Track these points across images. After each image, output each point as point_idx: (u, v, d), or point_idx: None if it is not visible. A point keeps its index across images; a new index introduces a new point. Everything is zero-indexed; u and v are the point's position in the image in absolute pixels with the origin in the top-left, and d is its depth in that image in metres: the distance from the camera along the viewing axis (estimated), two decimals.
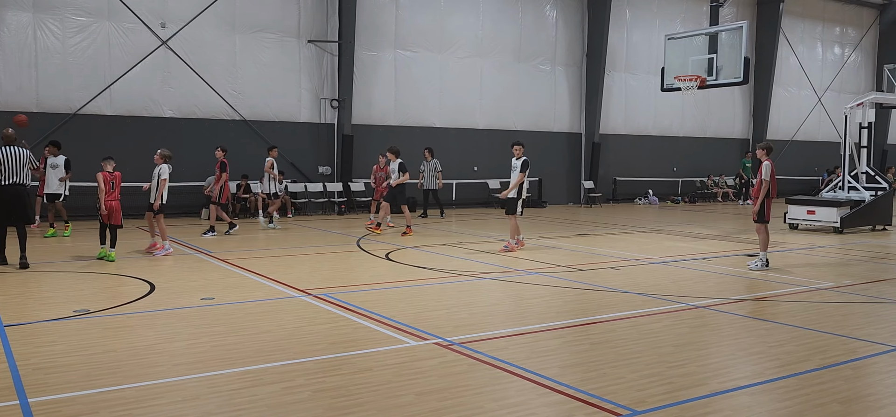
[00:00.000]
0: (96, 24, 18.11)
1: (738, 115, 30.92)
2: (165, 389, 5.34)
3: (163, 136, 18.90)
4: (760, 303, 8.82)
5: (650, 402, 5.12)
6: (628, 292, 9.28)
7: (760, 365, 6.17)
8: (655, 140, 28.10)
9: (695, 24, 27.14)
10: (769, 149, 11.51)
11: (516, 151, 13.26)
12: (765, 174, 11.19)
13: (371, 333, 7.09)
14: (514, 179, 13.20)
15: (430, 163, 20.27)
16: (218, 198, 15.52)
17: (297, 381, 5.54)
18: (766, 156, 11.38)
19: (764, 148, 11.56)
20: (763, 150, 11.51)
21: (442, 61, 23.14)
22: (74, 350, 6.30)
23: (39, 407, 4.88)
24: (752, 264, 11.44)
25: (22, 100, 17.41)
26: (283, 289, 9.20)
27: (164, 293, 8.92)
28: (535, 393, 5.33)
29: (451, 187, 23.13)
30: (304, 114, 21.14)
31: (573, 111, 26.28)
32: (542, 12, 25.09)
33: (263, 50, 20.27)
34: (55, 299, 8.54)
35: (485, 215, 21.34)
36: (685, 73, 18.89)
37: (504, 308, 8.44)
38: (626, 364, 6.06)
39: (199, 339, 6.76)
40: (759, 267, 11.18)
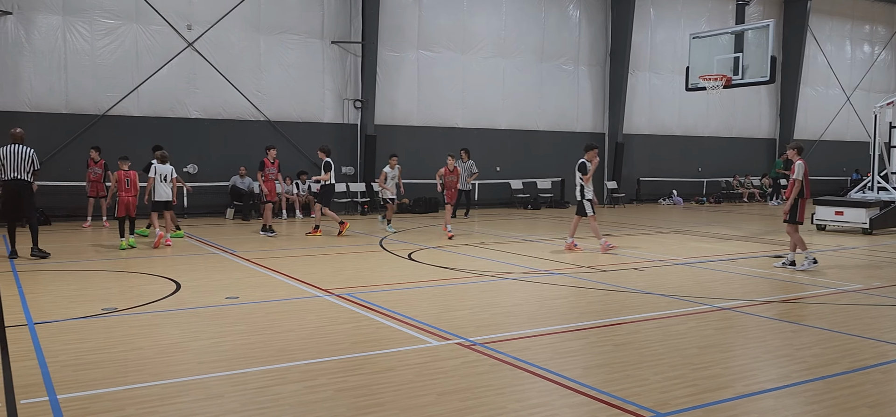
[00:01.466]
0: (124, 27, 18.37)
1: (765, 115, 30.54)
2: (190, 387, 5.41)
3: (189, 137, 19.15)
4: (787, 305, 8.70)
5: (674, 404, 5.07)
6: (652, 293, 9.20)
7: (787, 368, 6.09)
8: (680, 140, 27.84)
9: (720, 22, 26.85)
10: (800, 149, 11.37)
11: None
12: (797, 173, 11.05)
13: (393, 333, 7.11)
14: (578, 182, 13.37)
15: (466, 163, 20.34)
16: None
17: (320, 380, 5.57)
18: (797, 156, 11.23)
19: (795, 148, 11.41)
20: (794, 150, 11.37)
21: (464, 61, 23.14)
22: (102, 348, 6.40)
23: (68, 404, 4.96)
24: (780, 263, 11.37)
25: (52, 101, 17.73)
26: (306, 289, 9.26)
27: (189, 292, 9.02)
28: (557, 394, 5.32)
29: (474, 187, 23.12)
30: (328, 115, 21.26)
31: (596, 111, 26.13)
32: (566, 12, 24.99)
33: (287, 51, 20.43)
34: (84, 297, 8.68)
35: (507, 215, 21.31)
36: (710, 73, 18.71)
37: (526, 308, 8.42)
38: (650, 365, 6.01)
39: (223, 338, 6.83)
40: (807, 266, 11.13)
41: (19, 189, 11.58)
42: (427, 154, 22.10)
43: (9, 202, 11.75)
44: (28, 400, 5.01)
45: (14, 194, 11.61)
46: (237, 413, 4.86)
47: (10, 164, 11.47)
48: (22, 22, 17.36)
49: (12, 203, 11.71)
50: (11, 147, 11.52)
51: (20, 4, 17.29)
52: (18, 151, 11.52)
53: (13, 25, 17.27)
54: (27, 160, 11.59)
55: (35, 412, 4.82)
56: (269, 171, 15.51)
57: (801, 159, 11.18)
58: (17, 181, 11.52)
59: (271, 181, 15.61)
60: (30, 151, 11.66)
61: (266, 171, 15.46)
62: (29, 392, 5.19)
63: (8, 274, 10.22)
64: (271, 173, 15.62)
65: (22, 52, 17.39)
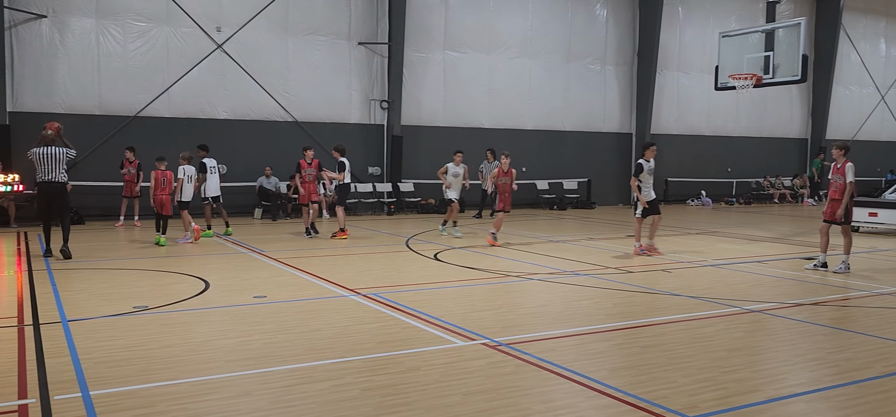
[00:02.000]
0: (155, 29, 18.66)
1: (796, 115, 30.06)
2: (219, 384, 5.47)
3: (217, 138, 19.37)
4: (819, 308, 8.56)
5: (702, 408, 5.02)
6: (680, 295, 9.11)
7: (818, 372, 5.99)
8: (709, 140, 27.52)
9: (750, 21, 26.48)
10: (847, 149, 11.11)
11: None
12: (849, 175, 10.85)
13: (419, 333, 7.13)
14: (646, 181, 13.04)
15: (492, 164, 20.32)
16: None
17: (346, 379, 5.61)
18: (843, 157, 11.02)
19: (841, 147, 11.13)
20: (841, 150, 11.09)
21: (490, 62, 23.11)
22: (133, 345, 6.51)
23: (100, 400, 5.06)
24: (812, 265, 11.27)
25: (85, 102, 18.06)
26: (332, 288, 9.33)
27: (218, 290, 9.13)
28: (583, 396, 5.29)
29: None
30: (355, 116, 21.38)
31: (623, 111, 25.93)
32: (592, 12, 24.83)
33: (315, 52, 20.58)
34: (116, 295, 8.82)
35: (533, 216, 21.24)
36: (740, 72, 18.47)
37: (552, 309, 8.39)
38: (678, 368, 5.96)
39: (251, 336, 6.91)
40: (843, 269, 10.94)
41: (54, 190, 11.71)
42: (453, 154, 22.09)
43: (44, 202, 11.95)
44: (62, 396, 5.12)
45: (49, 195, 11.75)
46: (264, 411, 4.91)
47: (45, 166, 11.59)
48: (56, 25, 17.71)
49: (47, 203, 11.89)
50: (46, 148, 11.65)
51: (54, 8, 17.64)
52: (53, 152, 11.64)
53: (48, 28, 17.63)
54: (62, 160, 11.72)
55: (68, 407, 4.92)
56: (306, 172, 15.20)
57: (849, 160, 10.97)
58: (52, 183, 11.65)
59: (309, 183, 15.22)
60: (63, 151, 11.77)
61: (303, 173, 15.23)
62: (62, 388, 5.30)
63: (43, 272, 10.44)
64: (309, 175, 15.23)
65: (56, 54, 17.75)
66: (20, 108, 17.43)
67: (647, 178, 12.93)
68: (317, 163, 15.44)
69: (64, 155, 11.79)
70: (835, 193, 11.08)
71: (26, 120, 17.36)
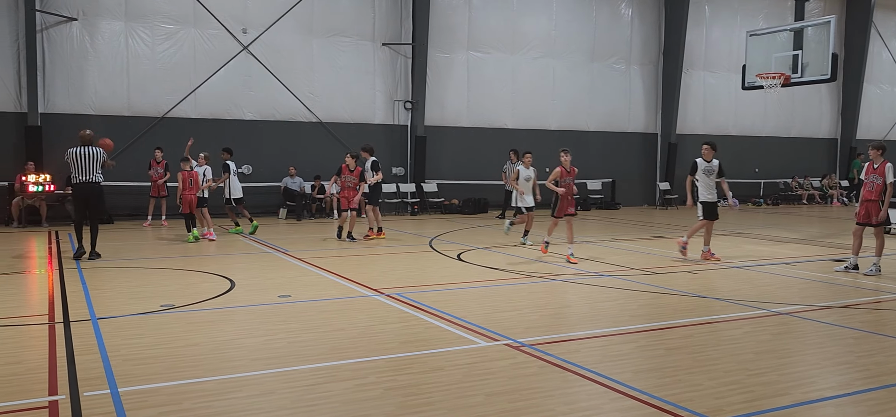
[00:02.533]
0: (183, 32, 18.89)
1: (826, 114, 29.57)
2: (244, 383, 5.52)
3: (243, 138, 19.57)
4: (849, 311, 8.41)
5: (728, 411, 4.96)
6: (706, 297, 9.02)
7: (847, 376, 5.89)
8: (736, 140, 27.18)
9: (778, 19, 26.11)
10: (884, 148, 10.85)
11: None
12: (890, 176, 10.64)
13: (442, 333, 7.13)
14: (710, 182, 12.33)
15: (515, 164, 20.25)
16: None
17: (370, 379, 5.63)
18: (881, 157, 10.80)
19: (879, 147, 10.87)
20: (878, 150, 10.84)
21: (514, 62, 23.05)
22: (160, 343, 6.60)
23: (128, 397, 5.13)
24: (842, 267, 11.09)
25: (114, 104, 18.35)
26: (356, 288, 9.37)
27: (243, 290, 9.22)
28: (607, 398, 5.25)
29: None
30: (379, 116, 21.46)
31: (649, 111, 25.72)
32: (618, 11, 24.66)
33: (339, 53, 20.69)
34: (143, 294, 8.95)
35: None
36: (768, 71, 18.21)
37: (576, 310, 8.34)
38: (704, 371, 5.89)
39: (275, 335, 6.96)
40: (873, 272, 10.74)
41: (91, 191, 11.58)
42: (477, 155, 22.11)
43: (80, 203, 11.80)
44: (91, 393, 5.20)
45: (85, 196, 11.62)
46: (288, 410, 4.95)
47: (81, 166, 11.48)
48: (86, 27, 18.01)
49: (83, 204, 11.74)
50: (82, 148, 11.54)
51: (85, 10, 17.94)
52: (89, 153, 11.53)
53: (78, 31, 17.94)
54: (98, 161, 11.62)
55: (97, 403, 5.00)
56: (346, 179, 14.44)
57: (887, 160, 10.75)
58: (89, 184, 11.54)
59: (349, 189, 14.39)
60: (99, 151, 11.67)
61: (344, 178, 14.51)
62: (92, 384, 5.38)
63: (73, 271, 10.61)
64: (349, 181, 14.40)
65: (87, 56, 18.05)
66: (51, 110, 17.76)
67: (704, 178, 12.21)
68: (358, 171, 14.41)
69: (101, 156, 11.73)
70: (870, 194, 10.84)
71: (57, 121, 17.70)
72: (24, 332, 7.15)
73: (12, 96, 17.54)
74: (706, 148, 12.31)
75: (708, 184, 12.27)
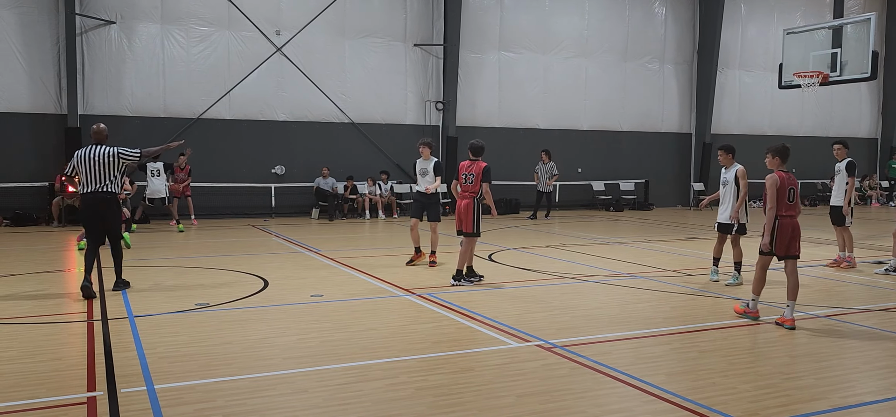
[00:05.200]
0: (217, 34, 19.16)
1: (865, 114, 28.91)
2: (277, 381, 5.59)
3: (276, 139, 19.79)
4: (889, 314, 8.21)
5: (763, 415, 4.88)
6: (741, 299, 8.87)
7: (888, 380, 5.75)
8: (772, 140, 26.48)
9: (816, 17, 25.60)
10: None
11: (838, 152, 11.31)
12: None
13: (473, 333, 7.13)
14: (840, 183, 11.40)
15: (547, 165, 20.21)
16: None
17: (401, 378, 5.65)
18: None
19: None
20: None
21: (546, 62, 22.95)
22: (195, 342, 6.70)
23: (164, 394, 5.22)
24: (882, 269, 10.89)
25: (151, 105, 18.68)
26: (388, 288, 9.41)
27: (276, 289, 9.31)
28: (639, 400, 5.21)
29: (555, 189, 22.90)
30: (410, 117, 21.53)
31: (683, 110, 25.40)
32: (651, 9, 24.41)
33: (371, 54, 20.80)
34: (179, 293, 9.09)
35: (589, 217, 20.99)
36: (805, 70, 17.87)
37: (608, 311, 8.28)
38: (739, 374, 5.81)
39: (308, 334, 7.02)
40: None
41: (99, 202, 8.83)
42: (508, 155, 22.05)
43: (91, 219, 8.94)
44: (128, 389, 5.30)
45: (94, 209, 8.86)
46: (321, 408, 4.99)
47: (88, 172, 8.82)
48: (124, 30, 18.38)
49: (94, 219, 8.91)
50: (89, 149, 8.92)
51: (122, 14, 18.31)
52: (98, 154, 8.84)
53: (116, 34, 18.31)
54: (110, 164, 8.83)
55: (134, 400, 5.10)
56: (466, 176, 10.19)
57: None
58: (96, 194, 8.81)
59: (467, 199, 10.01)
60: (113, 151, 8.87)
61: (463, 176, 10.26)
62: (129, 381, 5.49)
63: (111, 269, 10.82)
64: (469, 178, 9.96)
65: (124, 59, 18.41)
66: (90, 112, 18.15)
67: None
68: (480, 169, 9.90)
69: (116, 157, 8.87)
70: None
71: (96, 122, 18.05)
72: (64, 329, 7.32)
73: (53, 98, 17.97)
74: (836, 146, 11.50)
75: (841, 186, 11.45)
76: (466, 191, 9.82)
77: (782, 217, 7.53)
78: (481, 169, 9.72)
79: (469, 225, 9.71)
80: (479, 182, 9.72)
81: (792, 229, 7.55)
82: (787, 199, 7.55)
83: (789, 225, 7.54)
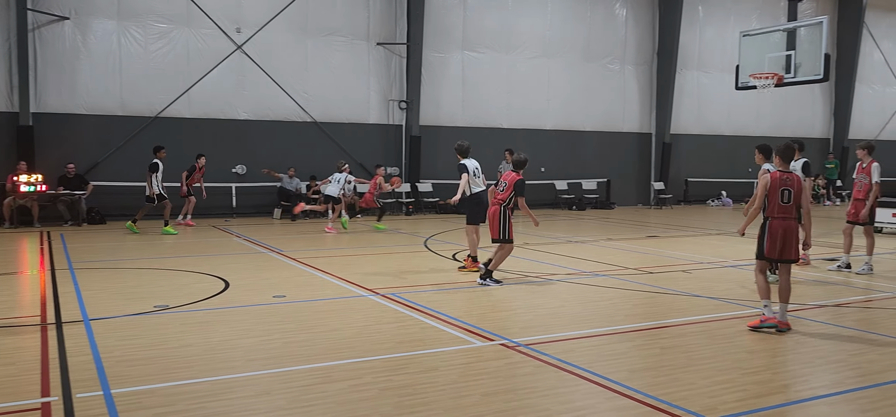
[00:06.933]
0: (176, 31, 18.82)
1: (818, 114, 29.71)
2: (239, 384, 5.51)
3: (237, 138, 19.53)
4: (841, 310, 8.45)
5: (722, 409, 4.98)
6: (700, 296, 9.04)
7: (840, 374, 5.92)
8: (729, 140, 27.27)
9: (771, 20, 26.21)
10: (871, 149, 10.98)
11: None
12: (876, 176, 10.72)
13: (437, 333, 7.13)
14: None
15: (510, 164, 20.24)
16: None
17: (365, 379, 5.62)
18: (868, 156, 10.89)
19: (866, 148, 10.99)
20: (865, 150, 10.98)
21: (509, 62, 23.07)
22: (154, 344, 6.57)
23: (122, 398, 5.11)
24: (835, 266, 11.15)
25: (107, 103, 18.27)
26: (351, 288, 9.36)
27: (238, 290, 9.19)
28: (602, 397, 5.26)
29: None
30: (373, 116, 21.43)
31: (643, 111, 25.78)
32: (612, 11, 24.71)
33: (333, 53, 20.66)
34: (137, 294, 8.91)
35: (552, 216, 21.16)
36: (761, 71, 18.27)
37: (571, 310, 8.36)
38: (698, 369, 5.91)
39: (271, 336, 6.94)
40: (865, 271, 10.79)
41: None
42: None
43: None
44: (83, 394, 5.18)
45: None
46: (284, 410, 4.94)
47: None
48: (79, 27, 17.93)
49: None
50: None
51: (77, 9, 17.86)
52: None
53: (71, 30, 17.86)
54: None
55: (90, 405, 4.98)
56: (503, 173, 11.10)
57: (874, 160, 10.85)
58: None
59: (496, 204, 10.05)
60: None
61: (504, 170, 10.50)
62: (84, 386, 5.36)
63: (65, 271, 10.57)
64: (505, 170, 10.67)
65: (79, 55, 17.97)
66: (43, 109, 17.67)
67: None
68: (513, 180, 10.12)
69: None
70: (859, 193, 10.98)
71: (49, 121, 17.64)
72: (16, 333, 7.11)
73: (4, 96, 17.44)
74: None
75: None
76: (496, 198, 9.99)
77: (773, 218, 7.28)
78: (514, 180, 9.91)
79: (495, 232, 9.89)
80: (508, 191, 9.87)
81: (784, 232, 7.21)
82: (781, 200, 7.23)
83: (780, 228, 7.22)
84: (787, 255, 7.29)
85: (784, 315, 7.26)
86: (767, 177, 7.38)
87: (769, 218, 7.32)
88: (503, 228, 9.82)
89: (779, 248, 7.27)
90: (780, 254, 7.31)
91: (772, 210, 7.29)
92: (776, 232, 7.27)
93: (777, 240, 7.26)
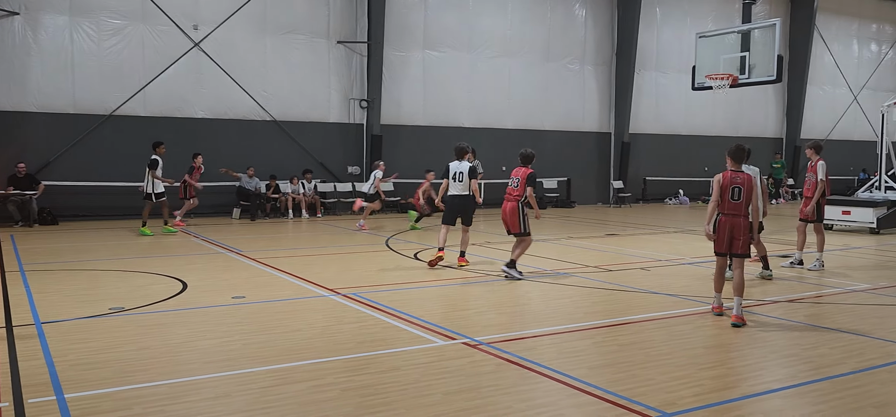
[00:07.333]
0: (131, 27, 18.43)
1: (771, 114, 30.45)
2: (197, 386, 5.42)
3: (195, 137, 19.19)
4: (794, 305, 8.67)
5: (680, 404, 5.07)
6: (658, 293, 9.19)
7: (793, 368, 6.08)
8: (686, 139, 27.77)
9: (726, 21, 26.76)
10: (819, 148, 11.38)
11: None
12: (821, 173, 11.04)
13: (399, 332, 7.12)
14: None
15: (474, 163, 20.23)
16: None
17: (326, 379, 5.59)
18: (816, 155, 11.25)
19: (813, 147, 11.39)
20: (812, 149, 11.37)
21: (470, 61, 23.14)
22: (109, 348, 6.43)
23: (76, 403, 4.99)
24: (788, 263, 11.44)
25: (59, 101, 17.80)
26: (312, 289, 9.28)
27: (196, 291, 9.05)
28: (563, 394, 5.32)
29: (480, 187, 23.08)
30: (334, 115, 21.29)
31: (602, 110, 26.10)
32: (571, 11, 24.96)
33: (293, 51, 20.46)
34: (91, 297, 8.71)
35: None
36: (717, 72, 18.65)
37: (532, 308, 8.42)
38: (656, 365, 6.01)
39: (230, 337, 6.85)
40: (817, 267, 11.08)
41: None
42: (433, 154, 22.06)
43: None
44: (36, 399, 5.04)
45: None
46: (244, 413, 4.88)
47: None
48: (29, 22, 17.44)
49: None
50: None
51: (27, 5, 17.37)
52: None
53: (20, 26, 17.35)
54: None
55: (43, 411, 4.85)
56: None
57: (820, 158, 11.19)
58: None
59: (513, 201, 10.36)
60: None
61: None
62: (37, 391, 5.22)
63: (15, 273, 10.27)
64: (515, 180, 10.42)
65: (29, 52, 17.47)
66: None
67: None
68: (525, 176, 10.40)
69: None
70: (809, 191, 11.32)
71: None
72: None
73: None
74: None
75: None
76: (511, 195, 10.31)
77: (723, 215, 7.70)
78: (526, 175, 10.30)
79: (516, 227, 10.28)
80: (523, 187, 10.25)
81: (730, 228, 7.63)
82: (730, 198, 7.65)
83: (727, 224, 7.65)
84: (735, 249, 7.68)
85: (739, 309, 7.47)
86: (719, 176, 7.81)
87: (720, 214, 7.73)
88: (523, 223, 10.28)
89: (726, 243, 7.69)
90: (729, 248, 7.70)
91: (722, 206, 7.70)
92: (724, 227, 7.70)
93: (725, 236, 7.68)
